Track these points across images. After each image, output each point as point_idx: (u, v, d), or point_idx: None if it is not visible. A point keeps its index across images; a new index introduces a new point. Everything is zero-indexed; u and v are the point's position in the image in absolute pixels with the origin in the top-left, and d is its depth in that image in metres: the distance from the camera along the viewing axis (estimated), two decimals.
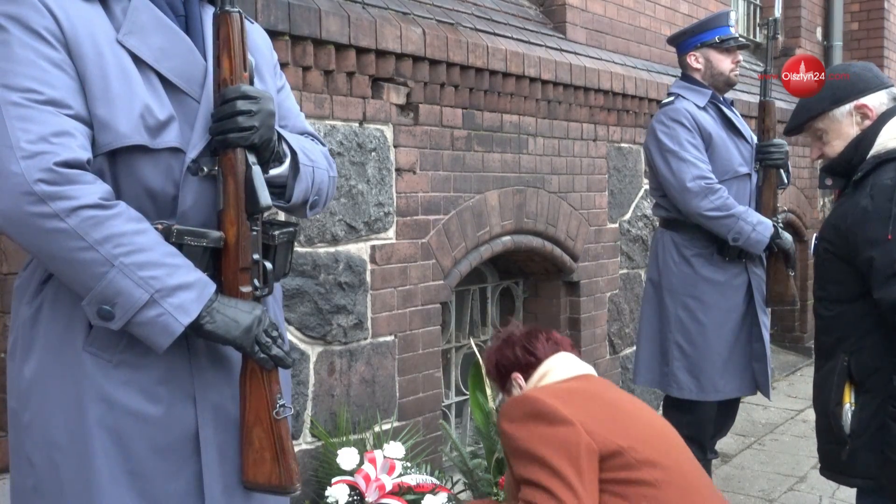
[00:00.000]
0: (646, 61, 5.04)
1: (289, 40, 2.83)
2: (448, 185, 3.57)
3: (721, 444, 4.23)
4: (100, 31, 1.43)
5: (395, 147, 3.32)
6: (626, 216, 4.80)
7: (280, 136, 1.60)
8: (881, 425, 2.08)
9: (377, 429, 3.21)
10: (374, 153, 3.21)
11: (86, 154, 1.38)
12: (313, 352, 3.03)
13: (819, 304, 2.30)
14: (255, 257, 1.53)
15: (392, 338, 3.34)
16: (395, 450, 2.92)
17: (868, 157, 2.21)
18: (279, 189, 1.62)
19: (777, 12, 4.91)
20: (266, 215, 1.58)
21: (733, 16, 3.55)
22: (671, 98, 3.48)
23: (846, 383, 2.18)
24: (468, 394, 3.48)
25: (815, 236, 2.40)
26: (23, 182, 1.32)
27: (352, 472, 2.81)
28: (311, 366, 3.02)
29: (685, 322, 3.40)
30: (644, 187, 4.88)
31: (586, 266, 4.44)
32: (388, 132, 3.30)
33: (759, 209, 3.42)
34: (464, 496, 3.17)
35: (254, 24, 1.76)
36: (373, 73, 3.19)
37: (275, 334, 1.53)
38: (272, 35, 2.19)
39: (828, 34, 7.52)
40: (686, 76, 3.52)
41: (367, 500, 2.75)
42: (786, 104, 5.31)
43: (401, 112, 3.36)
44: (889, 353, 2.08)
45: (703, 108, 3.42)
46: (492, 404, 3.24)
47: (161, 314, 1.40)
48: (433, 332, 3.53)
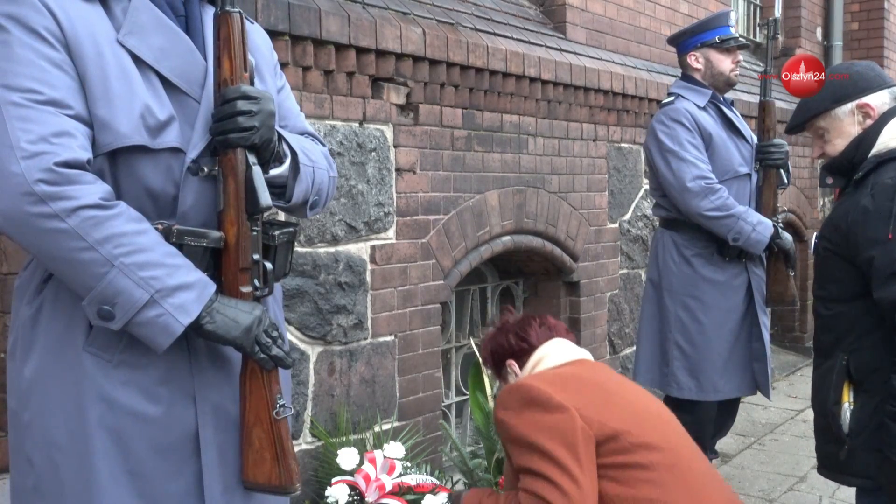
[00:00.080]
0: (646, 61, 5.03)
1: (289, 40, 2.83)
2: (448, 185, 3.57)
3: (721, 444, 4.23)
4: (100, 31, 1.43)
5: (395, 147, 3.32)
6: (626, 216, 4.80)
7: (280, 137, 1.60)
8: (880, 425, 2.08)
9: (377, 429, 3.21)
10: (374, 153, 3.21)
11: (86, 154, 1.38)
12: (313, 352, 3.03)
13: (818, 303, 2.30)
14: (256, 257, 1.53)
15: (392, 338, 3.34)
16: (395, 450, 2.91)
17: (869, 156, 2.21)
18: (279, 189, 1.63)
19: (777, 12, 4.92)
20: (266, 215, 1.58)
21: (733, 16, 3.55)
22: (671, 98, 3.48)
23: (845, 382, 2.18)
24: (468, 394, 3.48)
25: (815, 235, 2.40)
26: (23, 182, 1.32)
27: (352, 472, 2.81)
28: (311, 366, 3.02)
29: (685, 322, 3.40)
30: (644, 187, 4.88)
31: (586, 266, 4.44)
32: (388, 132, 3.30)
33: (759, 209, 3.43)
34: None
35: (254, 24, 1.76)
36: (373, 73, 3.18)
37: (275, 334, 1.53)
38: (272, 35, 2.19)
39: (828, 34, 7.52)
40: (686, 76, 3.53)
41: (367, 500, 2.75)
42: (786, 104, 5.31)
43: (401, 112, 3.36)
44: (888, 352, 2.08)
45: (704, 108, 3.42)
46: (492, 403, 3.24)
47: (161, 314, 1.40)
48: (433, 332, 3.53)
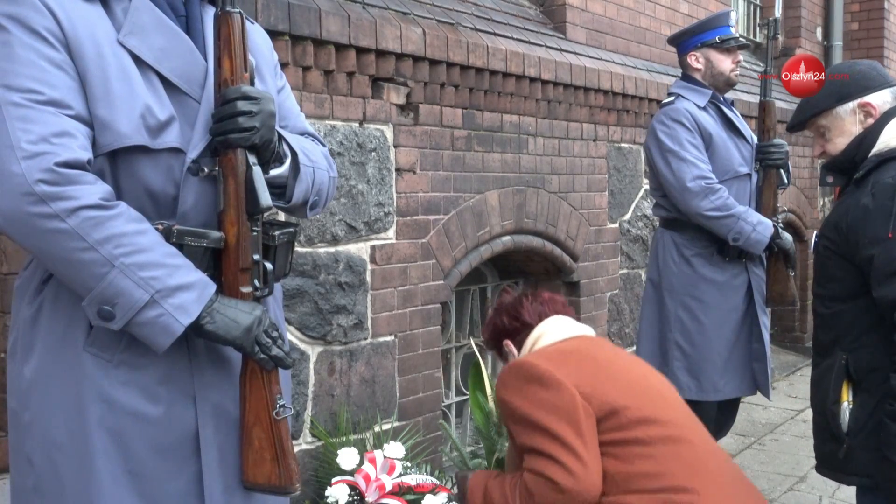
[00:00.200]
0: (646, 61, 5.03)
1: (289, 40, 2.83)
2: (448, 185, 3.57)
3: (721, 444, 4.20)
4: (100, 32, 1.43)
5: (395, 147, 3.32)
6: (626, 216, 4.80)
7: (280, 137, 1.60)
8: (879, 424, 2.08)
9: (377, 429, 3.21)
10: (374, 153, 3.21)
11: (86, 154, 1.38)
12: (313, 352, 3.03)
13: (818, 302, 2.29)
14: (256, 258, 1.53)
15: (392, 338, 3.34)
16: (395, 450, 2.92)
17: (870, 155, 2.21)
18: (279, 189, 1.62)
19: (777, 12, 4.92)
20: (266, 216, 1.58)
21: (734, 16, 3.54)
22: (671, 98, 3.48)
23: (844, 381, 2.18)
24: (468, 394, 3.48)
25: (815, 234, 2.40)
26: (23, 182, 1.32)
27: (352, 472, 2.81)
28: (311, 366, 3.02)
29: (685, 322, 3.40)
30: (644, 187, 4.88)
31: (586, 266, 4.44)
32: (388, 132, 3.30)
33: (759, 209, 3.42)
34: None
35: (254, 24, 1.76)
36: (373, 73, 3.19)
37: (275, 335, 1.52)
38: (272, 35, 2.19)
39: (828, 34, 7.52)
40: (686, 76, 3.52)
41: (367, 500, 2.75)
42: (786, 104, 5.31)
43: (401, 112, 3.36)
44: (887, 351, 2.08)
45: (704, 108, 3.42)
46: (492, 404, 3.24)
47: (161, 314, 1.40)
48: (433, 332, 3.53)
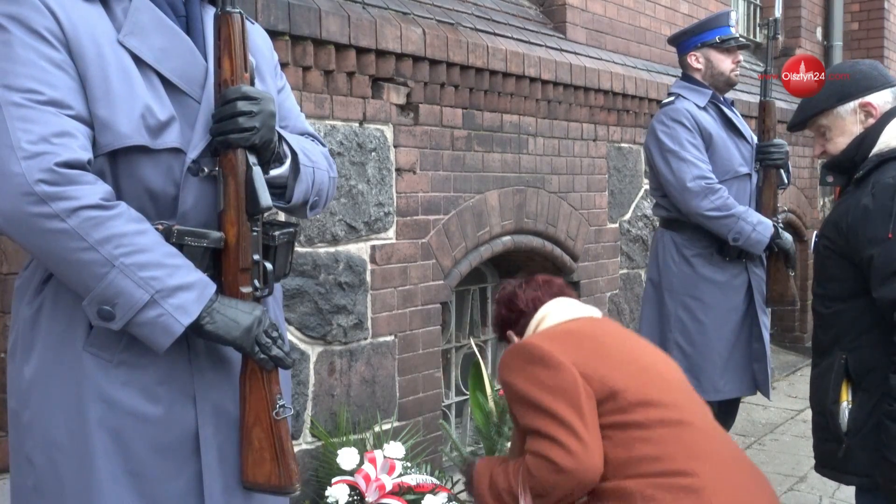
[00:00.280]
0: (646, 61, 5.03)
1: (289, 40, 2.83)
2: (448, 185, 3.57)
3: None
4: (101, 32, 1.43)
5: (395, 147, 3.32)
6: (626, 216, 4.80)
7: (280, 137, 1.60)
8: (878, 423, 2.08)
9: (377, 429, 3.21)
10: (374, 153, 3.21)
11: (86, 154, 1.38)
12: (313, 352, 3.03)
13: (818, 302, 2.30)
14: (256, 258, 1.53)
15: (392, 338, 3.34)
16: (395, 450, 2.92)
17: (871, 154, 2.21)
18: (279, 190, 1.62)
19: (777, 12, 4.92)
20: (266, 216, 1.58)
21: (734, 16, 3.54)
22: (671, 98, 3.48)
23: (843, 381, 2.18)
24: (468, 394, 3.48)
25: (815, 234, 2.40)
26: (24, 182, 1.32)
27: (352, 472, 2.81)
28: (311, 366, 3.02)
29: (685, 322, 3.40)
30: (644, 187, 4.88)
31: (586, 266, 4.44)
32: (388, 132, 3.30)
33: (759, 209, 3.42)
34: (464, 496, 3.17)
35: (254, 24, 1.76)
36: (373, 73, 3.18)
37: (275, 335, 1.52)
38: (272, 35, 2.19)
39: (828, 34, 7.51)
40: (686, 76, 3.52)
41: (367, 500, 2.75)
42: (786, 104, 5.31)
43: (401, 112, 3.36)
44: (887, 351, 2.08)
45: (704, 108, 3.42)
46: (491, 404, 3.24)
47: (161, 314, 1.40)
48: (433, 332, 3.53)
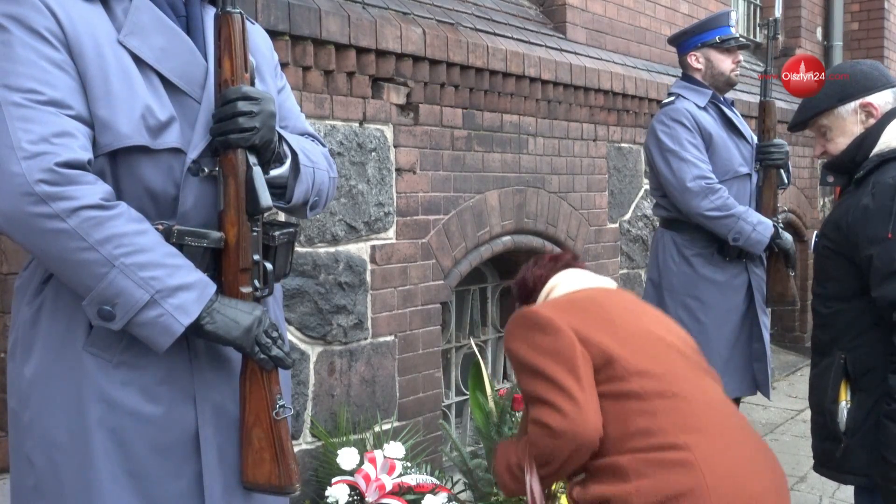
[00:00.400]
0: (646, 61, 5.03)
1: (289, 40, 2.83)
2: (448, 185, 3.57)
3: None
4: (101, 32, 1.43)
5: (395, 147, 3.32)
6: (626, 216, 4.80)
7: (281, 137, 1.60)
8: (876, 423, 2.08)
9: (377, 429, 3.21)
10: (374, 153, 3.21)
11: (87, 154, 1.38)
12: (313, 352, 3.03)
13: (817, 301, 2.30)
14: (256, 258, 1.53)
15: (392, 338, 3.34)
16: (395, 450, 2.91)
17: (871, 155, 2.21)
18: (279, 190, 1.62)
19: (777, 12, 4.93)
20: (266, 216, 1.58)
21: (734, 16, 3.54)
22: (672, 98, 3.48)
23: (842, 381, 2.18)
24: (468, 394, 3.48)
25: (815, 234, 2.41)
26: (24, 182, 1.32)
27: (352, 472, 2.81)
28: (311, 366, 3.02)
29: (685, 322, 3.39)
30: (644, 187, 4.88)
31: (586, 266, 4.43)
32: (388, 132, 3.30)
33: (759, 209, 3.42)
34: (464, 496, 3.17)
35: (254, 24, 1.76)
36: (373, 73, 3.18)
37: (275, 335, 1.52)
38: (272, 35, 2.19)
39: (828, 34, 7.52)
40: (686, 76, 3.52)
41: (367, 500, 2.75)
42: (786, 104, 5.31)
43: (401, 112, 3.36)
44: (885, 351, 2.08)
45: (704, 108, 3.42)
46: (491, 404, 3.24)
47: (161, 315, 1.40)
48: (433, 332, 3.53)
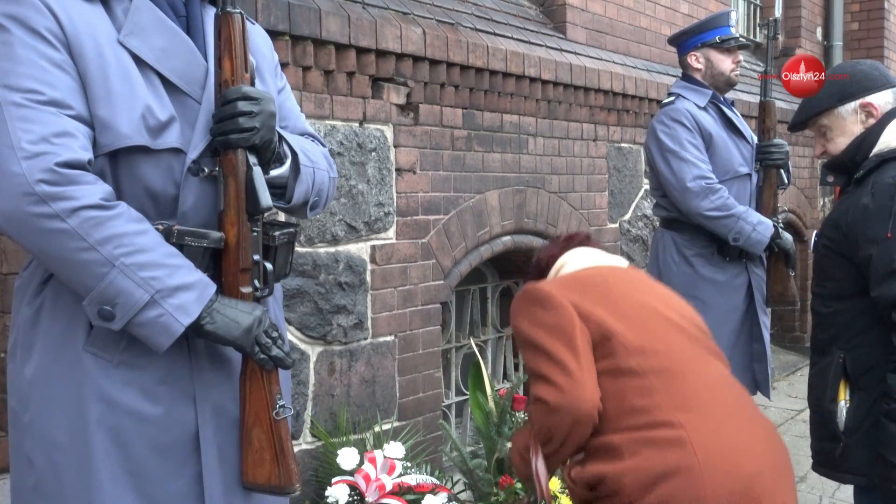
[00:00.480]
0: (646, 61, 5.03)
1: (289, 40, 2.83)
2: (448, 185, 3.57)
3: None
4: (101, 32, 1.43)
5: (395, 147, 3.32)
6: (626, 216, 4.80)
7: (281, 137, 1.60)
8: (875, 422, 2.08)
9: (377, 429, 3.21)
10: (374, 153, 3.21)
11: (87, 154, 1.38)
12: (313, 352, 3.03)
13: (817, 301, 2.30)
14: (256, 258, 1.54)
15: (392, 338, 3.34)
16: (395, 450, 2.91)
17: (871, 154, 2.22)
18: (280, 190, 1.63)
19: (777, 12, 4.93)
20: (266, 216, 1.58)
21: (734, 16, 3.55)
22: (672, 98, 3.48)
23: (841, 380, 2.18)
24: (468, 394, 3.48)
25: (815, 233, 2.41)
26: (24, 182, 1.32)
27: (352, 472, 2.81)
28: (311, 366, 3.02)
29: None
30: (644, 187, 4.88)
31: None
32: (388, 132, 3.30)
33: (759, 209, 3.42)
34: (464, 496, 3.17)
35: (254, 24, 1.76)
36: (373, 73, 3.18)
37: (275, 335, 1.53)
38: (272, 35, 2.19)
39: (828, 34, 7.52)
40: (687, 76, 3.52)
41: (367, 500, 2.75)
42: (786, 104, 5.31)
43: (401, 112, 3.36)
44: (884, 350, 2.08)
45: (704, 108, 3.42)
46: (491, 404, 3.24)
47: (161, 315, 1.40)
48: (433, 332, 3.53)
